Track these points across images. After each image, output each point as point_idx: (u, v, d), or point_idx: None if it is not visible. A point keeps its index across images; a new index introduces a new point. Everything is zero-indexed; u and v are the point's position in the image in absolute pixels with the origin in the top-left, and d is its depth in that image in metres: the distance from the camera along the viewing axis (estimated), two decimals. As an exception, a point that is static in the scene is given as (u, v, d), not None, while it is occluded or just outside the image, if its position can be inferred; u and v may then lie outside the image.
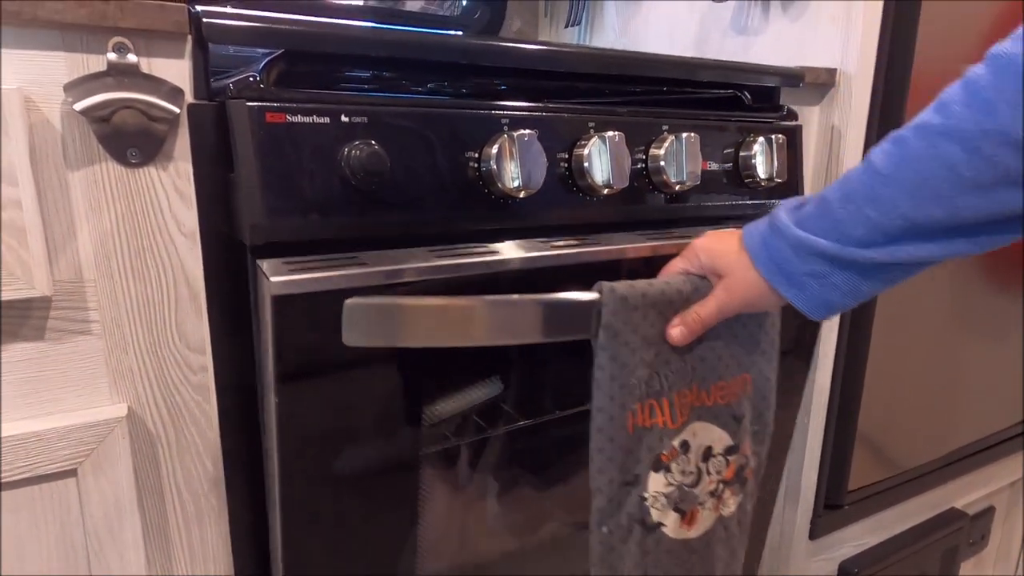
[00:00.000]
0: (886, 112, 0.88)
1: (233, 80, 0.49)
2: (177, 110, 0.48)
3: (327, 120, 0.51)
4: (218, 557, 0.59)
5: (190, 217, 0.52)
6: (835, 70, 0.84)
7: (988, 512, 1.38)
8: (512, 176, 0.57)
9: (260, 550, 0.62)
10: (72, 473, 0.50)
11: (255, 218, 0.49)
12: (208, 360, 0.55)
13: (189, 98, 0.50)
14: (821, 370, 0.96)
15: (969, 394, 1.19)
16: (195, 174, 0.51)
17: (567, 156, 0.63)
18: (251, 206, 0.49)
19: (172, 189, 0.51)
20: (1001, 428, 1.29)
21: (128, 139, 0.48)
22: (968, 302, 1.13)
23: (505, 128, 0.58)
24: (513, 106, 0.60)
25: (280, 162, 0.49)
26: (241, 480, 0.59)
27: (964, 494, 1.28)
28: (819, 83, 0.84)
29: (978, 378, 1.20)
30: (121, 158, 0.48)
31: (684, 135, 0.66)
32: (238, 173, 0.49)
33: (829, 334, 0.95)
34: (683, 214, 0.72)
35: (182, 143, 0.50)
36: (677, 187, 0.67)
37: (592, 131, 0.63)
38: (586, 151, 0.62)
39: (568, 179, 0.63)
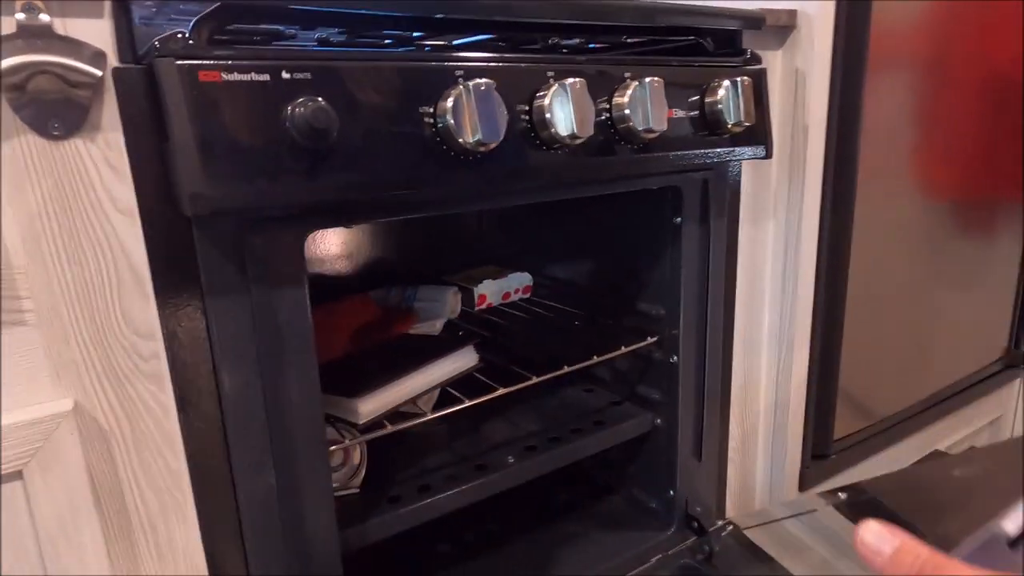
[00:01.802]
0: (849, 53, 0.87)
1: (160, 38, 0.45)
2: (99, 73, 0.45)
3: (267, 77, 0.47)
4: (189, 556, 0.56)
5: (126, 192, 0.48)
6: (795, 11, 0.83)
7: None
8: (471, 130, 0.54)
9: (238, 546, 0.59)
10: (18, 476, 0.47)
11: (195, 187, 0.45)
12: (160, 346, 0.51)
13: (113, 62, 0.46)
14: (800, 321, 0.95)
15: (943, 340, 1.20)
16: (128, 145, 0.47)
17: (527, 108, 0.60)
18: (190, 175, 0.45)
19: (103, 163, 0.47)
20: (976, 369, 1.30)
21: (48, 108, 0.44)
22: (939, 252, 1.14)
23: (460, 80, 0.55)
24: (467, 57, 0.57)
25: (218, 125, 0.46)
26: (208, 472, 0.55)
27: (946, 436, 1.29)
28: (780, 25, 0.82)
29: (950, 324, 1.21)
30: (42, 130, 0.44)
31: (648, 79, 0.63)
32: (173, 140, 0.46)
33: (806, 289, 0.94)
34: (650, 167, 0.70)
35: (110, 112, 0.46)
36: (644, 135, 0.64)
37: (552, 80, 0.60)
38: (547, 101, 0.59)
39: (531, 132, 0.60)
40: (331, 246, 1.06)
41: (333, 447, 0.64)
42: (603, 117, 0.65)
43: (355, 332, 0.86)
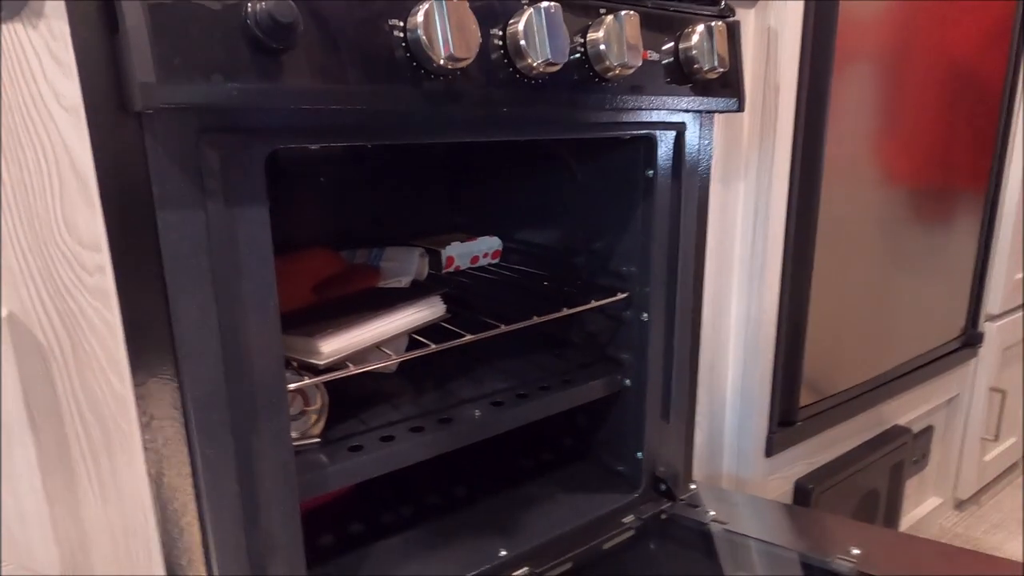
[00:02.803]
0: (821, 10, 0.87)
1: (110, -82, 0.42)
2: (42, -51, 0.41)
3: (227, -32, 0.44)
4: (134, 490, 0.52)
5: (71, 88, 0.45)
6: (768, -32, 0.83)
7: (928, 431, 1.42)
8: (441, 44, 0.52)
9: (188, 484, 0.55)
10: (-57, 388, 0.43)
11: (145, 76, 0.42)
12: (105, 259, 0.48)
13: (59, -57, 0.43)
14: (769, 285, 0.95)
15: (903, 318, 1.22)
16: (73, 35, 0.44)
17: (501, 34, 0.58)
18: (141, 63, 0.42)
19: (46, 53, 0.44)
20: (934, 347, 1.33)
21: (-16, -14, 0.41)
22: (900, 235, 1.15)
23: (431, -6, 0.53)
24: (439, -27, 0.55)
25: (173, 13, 0.43)
26: (158, 400, 0.52)
27: (906, 411, 1.31)
28: (753, -19, 0.83)
29: (911, 303, 1.23)
30: (-23, 10, 0.41)
31: (623, 12, 0.62)
32: (123, 27, 0.43)
33: (775, 252, 0.94)
34: (625, 104, 0.68)
35: (54, -3, 0.43)
36: (619, 70, 0.63)
37: (526, 6, 0.58)
38: (521, 26, 0.57)
39: (504, 58, 0.58)
40: (294, 197, 1.02)
41: (292, 385, 0.61)
42: (578, 54, 0.64)
43: (318, 284, 0.83)
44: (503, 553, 0.78)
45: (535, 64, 0.58)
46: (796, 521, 0.85)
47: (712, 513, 0.86)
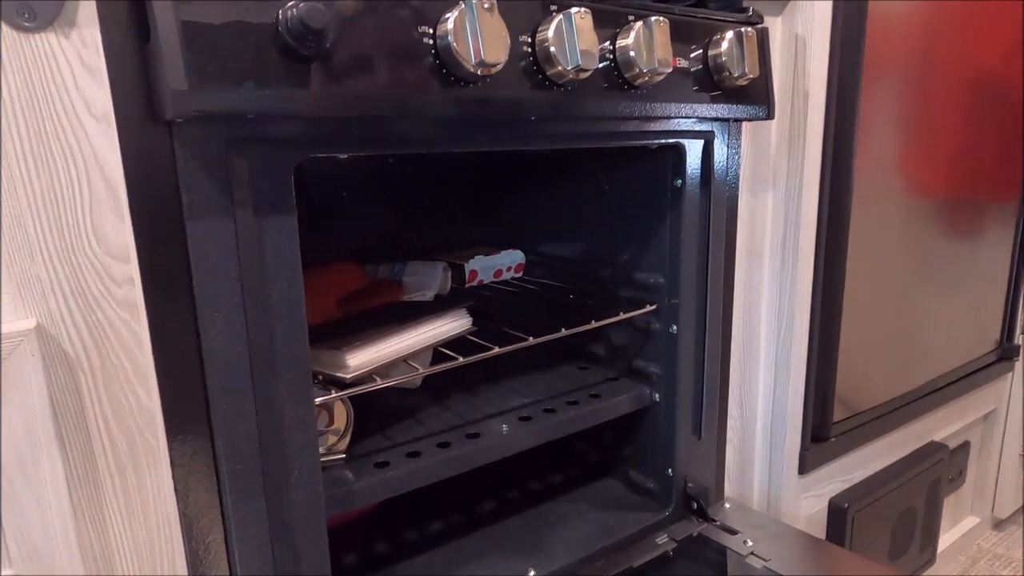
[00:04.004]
0: (849, 15, 0.86)
1: (143, -73, 0.42)
2: (76, -42, 0.41)
3: (258, -23, 0.44)
4: (160, 505, 0.51)
5: (102, 96, 0.44)
6: (796, -25, 0.82)
7: (964, 447, 1.38)
8: (472, 51, 0.51)
9: (214, 500, 0.54)
10: (-29, 400, 0.42)
11: (177, 84, 0.42)
12: (134, 270, 0.47)
13: (92, -48, 0.43)
14: (801, 297, 0.93)
15: (937, 331, 1.19)
16: (105, 43, 0.44)
17: (530, 40, 0.57)
18: (172, 71, 0.42)
19: (78, 61, 0.43)
20: (969, 360, 1.29)
21: (18, -5, 0.40)
22: (933, 247, 1.13)
23: (461, 1, 0.52)
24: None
25: (205, 21, 0.43)
26: (185, 415, 0.51)
27: (941, 427, 1.27)
28: (781, -13, 0.82)
29: (944, 316, 1.20)
30: (12, 19, 0.41)
31: (653, 19, 0.61)
32: (155, 34, 0.42)
33: (806, 263, 0.92)
34: (654, 112, 0.67)
35: (87, 6, 0.43)
36: (648, 76, 0.62)
37: (555, 12, 0.58)
38: (551, 32, 0.56)
39: (533, 64, 0.58)
40: (318, 212, 1.02)
41: (319, 399, 0.59)
42: (607, 61, 0.63)
43: (342, 298, 0.82)
44: (532, 574, 0.76)
45: (565, 70, 0.57)
46: (841, 566, 0.81)
47: (750, 544, 0.83)
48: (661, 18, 0.62)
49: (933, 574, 1.32)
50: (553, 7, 0.58)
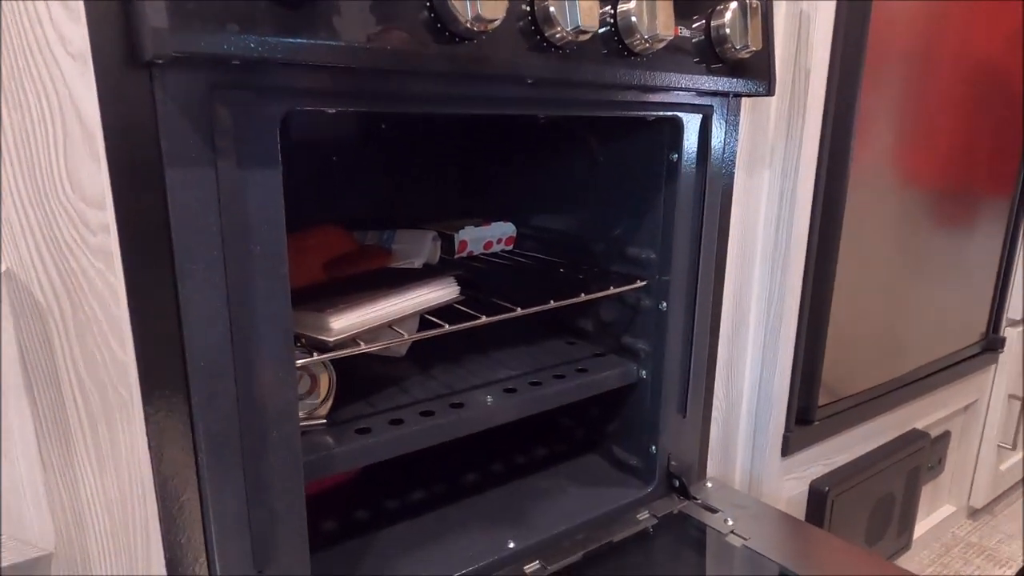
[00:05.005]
0: (855, -4, 0.84)
1: None
2: None
3: (246, -87, 0.42)
4: (133, 462, 0.50)
5: (78, 33, 0.42)
6: (803, -52, 0.80)
7: (945, 436, 1.39)
8: (468, 3, 0.49)
9: (189, 458, 0.53)
10: (-65, 345, 0.41)
11: (158, 20, 0.40)
12: (110, 217, 0.46)
13: None
14: (792, 279, 0.92)
15: (924, 321, 1.19)
16: (82, -24, 0.42)
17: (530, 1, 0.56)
18: (153, 7, 0.40)
19: (53, -6, 0.41)
20: (954, 350, 1.29)
21: (-11, -81, 0.38)
22: (923, 238, 1.12)
23: (458, -48, 0.50)
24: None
25: (188, -42, 0.41)
26: (160, 370, 0.50)
27: (924, 415, 1.28)
28: (787, -39, 0.80)
29: (932, 306, 1.20)
30: (-18, -55, 0.39)
31: (656, -18, 0.59)
32: (135, -31, 0.40)
33: (798, 245, 0.91)
34: (653, 82, 0.66)
35: (63, -65, 0.41)
36: (649, 44, 0.61)
37: (556, -30, 0.56)
38: (550, -10, 0.55)
39: (531, 24, 0.56)
40: (307, 175, 1.00)
41: (300, 361, 0.58)
42: (608, 26, 0.61)
43: (328, 262, 0.80)
44: (512, 545, 0.76)
45: (564, 32, 0.55)
46: (821, 547, 0.81)
47: (731, 523, 0.83)
48: (664, -18, 0.60)
49: (908, 559, 1.34)
50: (554, -35, 0.56)
